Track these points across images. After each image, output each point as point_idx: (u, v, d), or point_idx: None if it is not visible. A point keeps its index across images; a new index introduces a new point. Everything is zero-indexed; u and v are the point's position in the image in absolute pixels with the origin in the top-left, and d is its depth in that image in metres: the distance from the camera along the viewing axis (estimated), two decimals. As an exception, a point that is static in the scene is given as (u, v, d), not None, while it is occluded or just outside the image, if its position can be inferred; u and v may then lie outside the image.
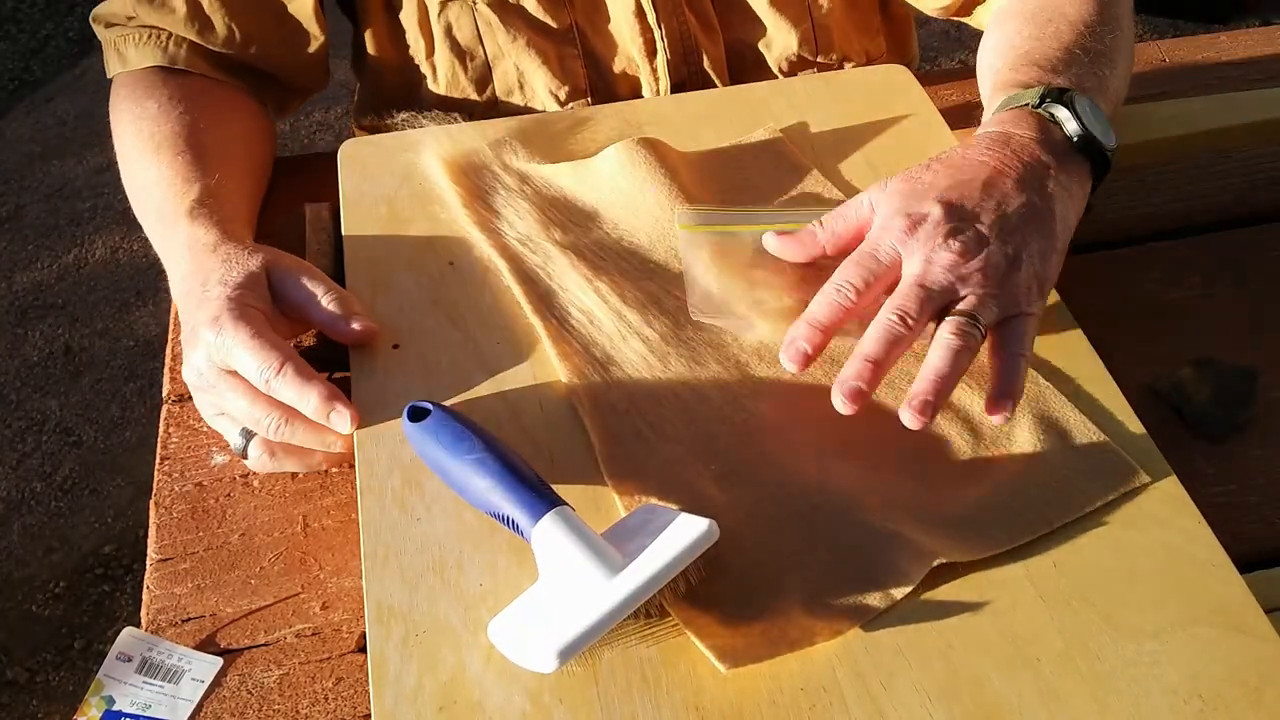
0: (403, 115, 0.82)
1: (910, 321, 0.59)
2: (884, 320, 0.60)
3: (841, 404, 0.58)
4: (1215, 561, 0.56)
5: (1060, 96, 0.67)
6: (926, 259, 0.61)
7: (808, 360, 0.60)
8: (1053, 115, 0.66)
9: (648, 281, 0.70)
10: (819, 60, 0.93)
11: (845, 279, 0.62)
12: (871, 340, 0.59)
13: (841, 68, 0.94)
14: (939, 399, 0.57)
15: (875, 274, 0.62)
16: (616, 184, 0.75)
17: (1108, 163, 0.67)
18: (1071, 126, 0.66)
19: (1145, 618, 0.54)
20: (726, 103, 0.84)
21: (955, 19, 0.91)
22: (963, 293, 0.60)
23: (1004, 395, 0.59)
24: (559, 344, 0.66)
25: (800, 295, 0.66)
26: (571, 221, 0.74)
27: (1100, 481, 0.59)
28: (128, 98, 0.82)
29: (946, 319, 0.60)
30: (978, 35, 0.84)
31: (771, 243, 0.67)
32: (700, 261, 0.69)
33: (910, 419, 0.57)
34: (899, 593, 0.55)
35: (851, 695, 0.51)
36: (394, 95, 0.92)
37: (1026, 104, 0.67)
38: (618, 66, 0.90)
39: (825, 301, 0.61)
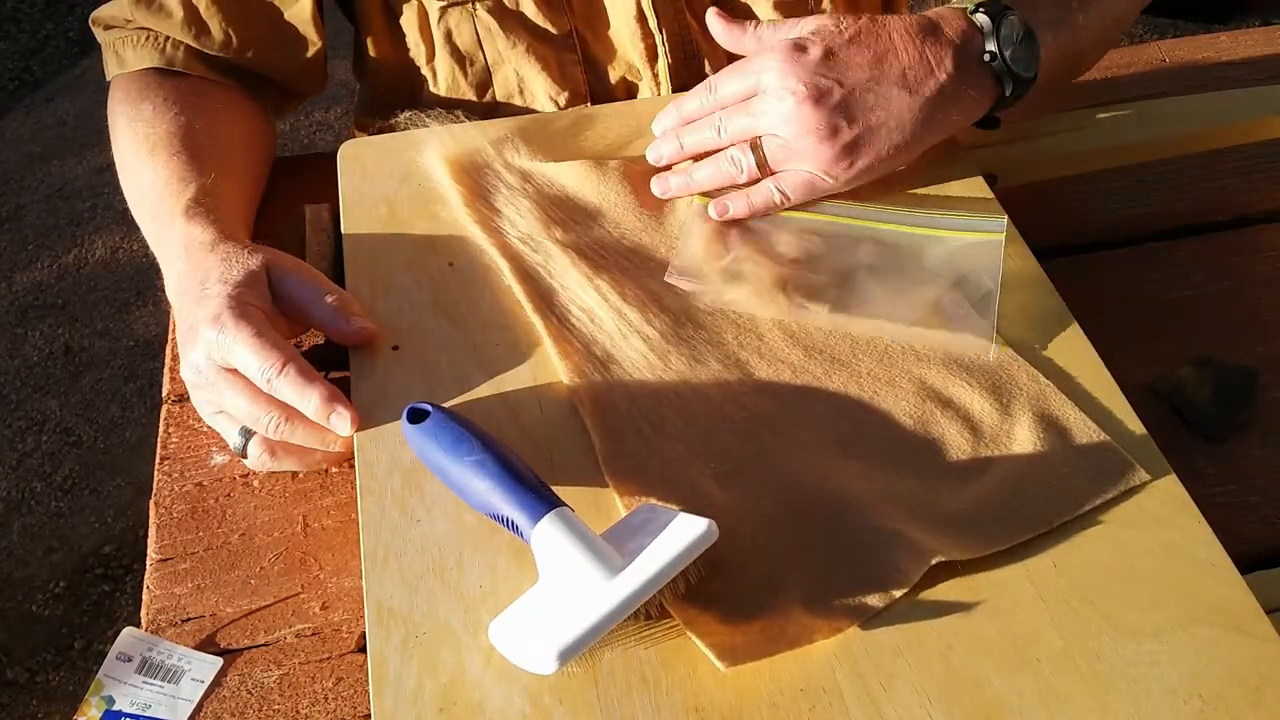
0: (405, 114, 0.82)
1: (723, 134, 0.72)
2: (704, 124, 0.73)
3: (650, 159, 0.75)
4: (1215, 561, 0.56)
5: (995, 11, 0.71)
6: (774, 88, 0.69)
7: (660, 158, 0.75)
8: (980, 25, 0.71)
9: (648, 280, 0.70)
10: None
11: (716, 82, 0.72)
12: (690, 137, 0.74)
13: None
14: (674, 195, 0.74)
15: (739, 93, 0.71)
16: (618, 189, 0.75)
17: (1022, 88, 0.72)
18: (989, 44, 0.70)
19: (1145, 618, 0.54)
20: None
21: None
22: (781, 133, 0.69)
23: (734, 205, 0.71)
24: (559, 343, 0.66)
25: (787, 271, 0.68)
26: (573, 220, 0.74)
27: (1100, 480, 0.59)
28: (123, 100, 0.82)
29: (738, 145, 0.71)
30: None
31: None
32: (696, 230, 0.72)
33: (650, 156, 0.75)
34: (898, 591, 0.55)
35: (851, 696, 0.51)
36: (395, 98, 0.91)
37: (964, 6, 0.72)
38: (618, 72, 0.90)
39: (690, 93, 0.74)
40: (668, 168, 0.75)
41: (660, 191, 0.74)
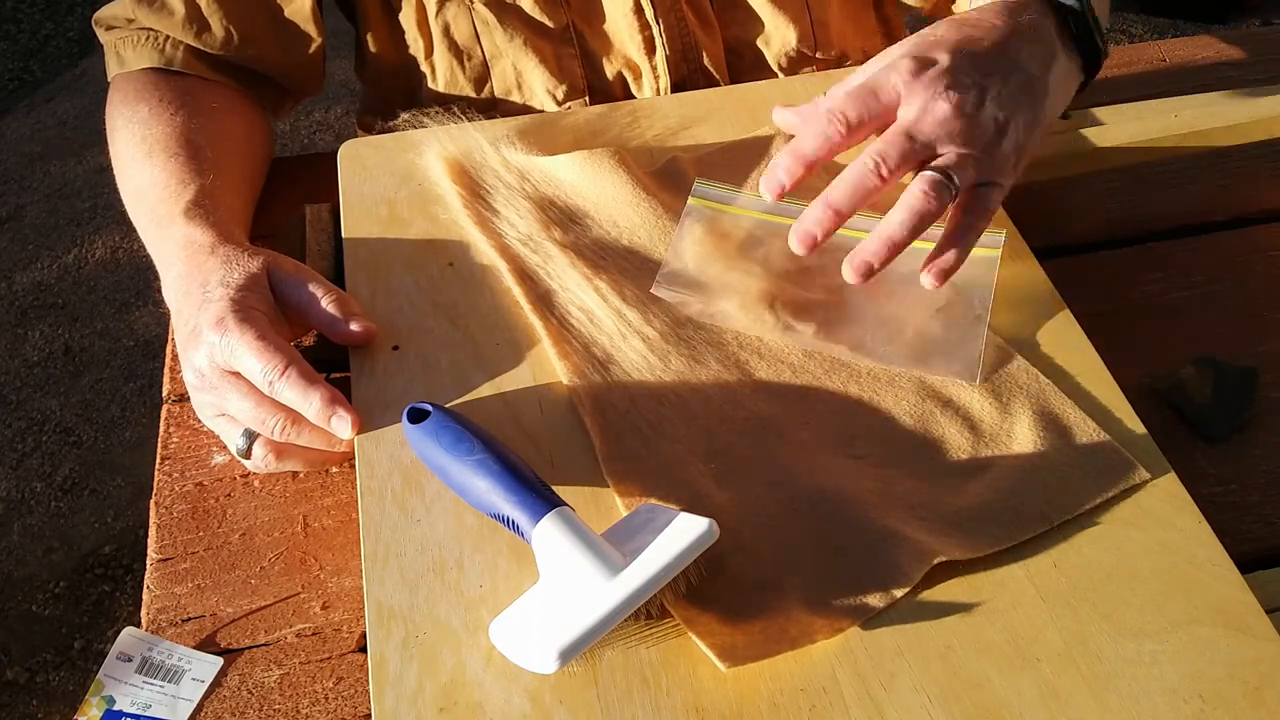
0: (405, 115, 0.82)
1: (885, 171, 0.61)
2: (860, 165, 0.61)
3: (796, 246, 0.62)
4: (1215, 561, 0.56)
5: None
6: (922, 107, 0.62)
7: (783, 191, 0.62)
8: (1061, 2, 0.68)
9: (648, 280, 0.70)
10: (818, 56, 0.93)
11: (839, 109, 0.62)
12: (841, 186, 0.61)
13: (840, 65, 0.94)
14: (883, 263, 0.61)
15: (872, 112, 0.63)
16: (615, 181, 0.75)
17: (1098, 64, 0.70)
18: (1078, 20, 0.68)
19: (1145, 617, 0.54)
20: (727, 102, 0.84)
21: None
22: (946, 149, 0.62)
23: (947, 262, 0.63)
24: (559, 343, 0.66)
25: (777, 285, 0.67)
26: (571, 220, 0.74)
27: (1100, 478, 0.59)
28: (121, 101, 0.82)
29: (921, 174, 0.61)
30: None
31: (781, 115, 0.68)
32: (690, 236, 0.70)
33: (850, 275, 0.61)
34: (899, 591, 0.55)
35: (852, 696, 0.51)
36: (395, 96, 0.92)
37: None
38: (616, 65, 0.90)
39: (812, 132, 0.62)
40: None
41: (857, 273, 0.61)
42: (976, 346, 0.65)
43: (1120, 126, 0.82)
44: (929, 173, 0.61)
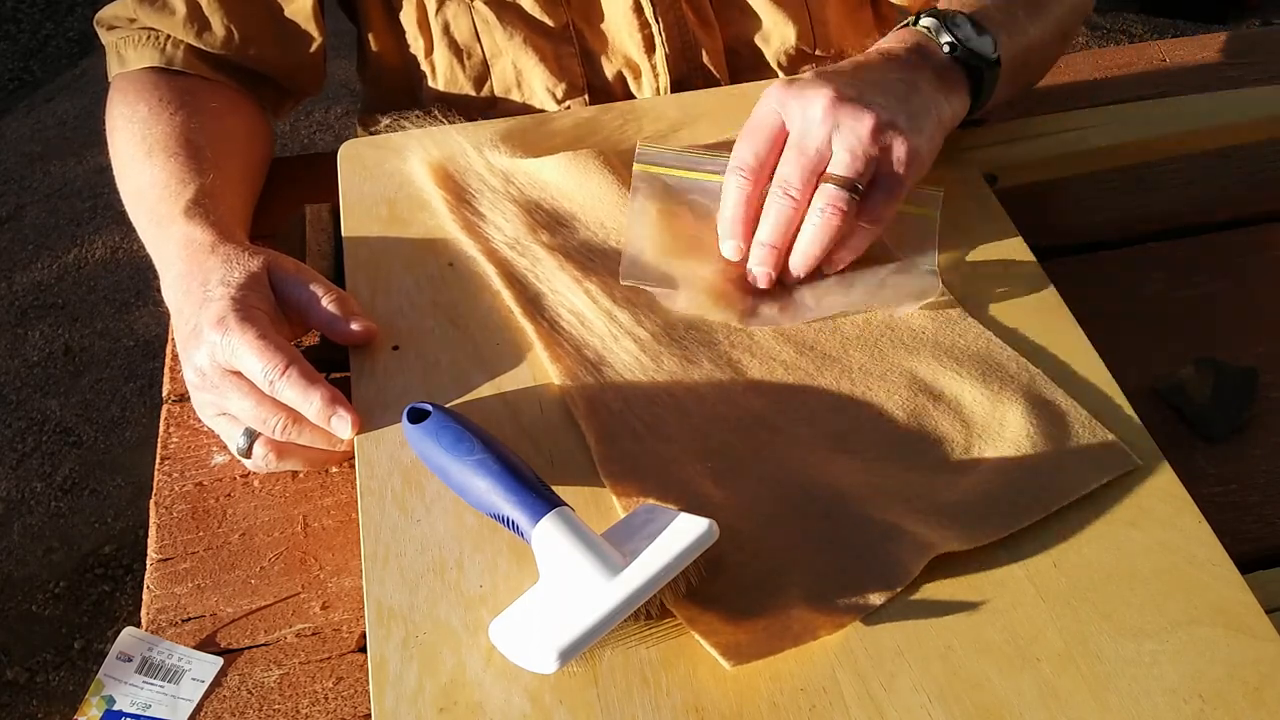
0: (385, 120, 0.82)
1: (795, 194, 0.66)
2: (773, 198, 0.66)
3: (760, 284, 0.68)
4: (1215, 561, 0.56)
5: (936, 14, 0.72)
6: (800, 114, 0.66)
7: (740, 254, 0.68)
8: (926, 29, 0.72)
9: None
10: (817, 54, 0.93)
11: (735, 161, 0.67)
12: (766, 225, 0.67)
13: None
14: (807, 271, 0.68)
15: (764, 142, 0.67)
16: (601, 182, 0.75)
17: (990, 71, 0.72)
18: (943, 36, 0.72)
19: (1145, 618, 0.54)
20: (726, 101, 0.84)
21: None
22: (839, 148, 0.65)
23: (840, 259, 0.68)
24: (550, 347, 0.66)
25: (733, 268, 0.69)
26: (559, 223, 0.74)
27: (1095, 465, 0.59)
28: (121, 101, 0.82)
29: (822, 187, 0.65)
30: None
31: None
32: (644, 218, 0.71)
33: (763, 282, 0.68)
34: (899, 585, 0.55)
35: (852, 696, 0.51)
36: (396, 95, 0.92)
37: (907, 23, 0.74)
38: (615, 64, 0.90)
39: (729, 194, 0.68)
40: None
41: (792, 277, 0.69)
42: (930, 263, 0.68)
43: (1120, 126, 0.82)
44: (828, 184, 0.65)
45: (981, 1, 0.76)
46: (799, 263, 0.67)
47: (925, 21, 0.73)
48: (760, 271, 0.68)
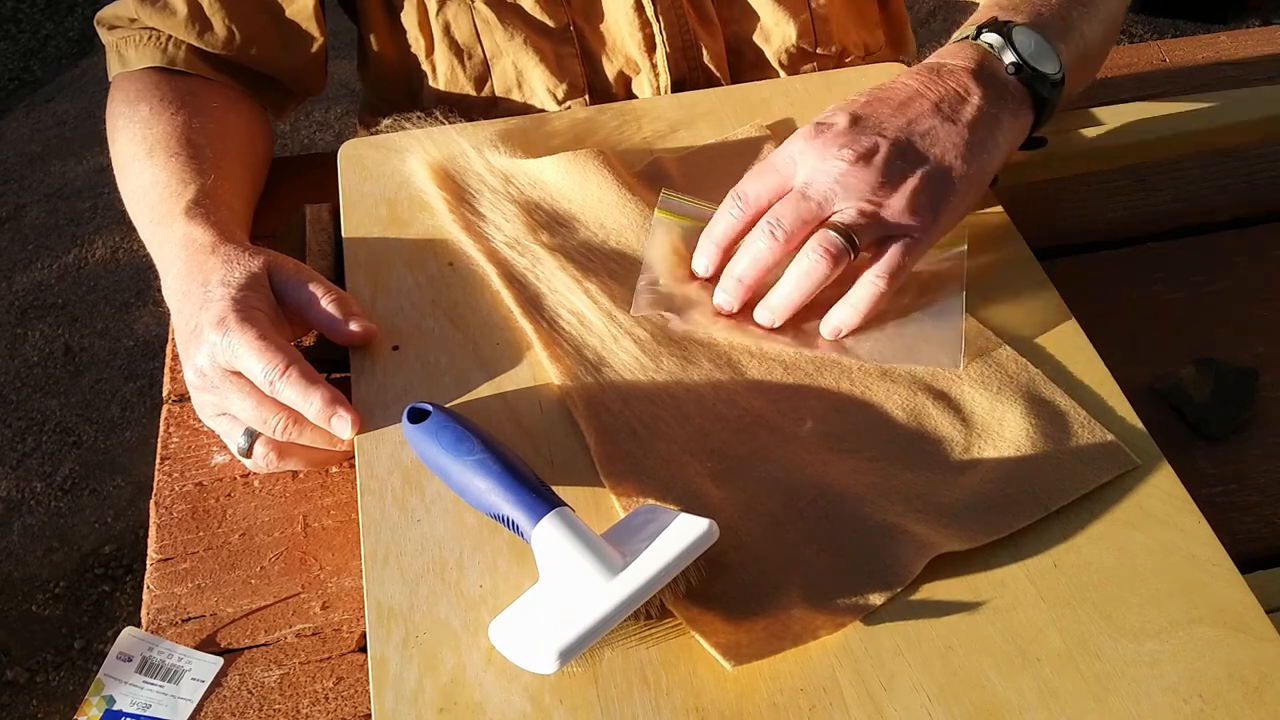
0: (386, 121, 0.82)
1: (780, 233, 0.63)
2: (756, 230, 0.64)
3: (722, 308, 0.66)
4: (1215, 561, 0.56)
5: (998, 27, 0.69)
6: (815, 165, 0.63)
7: (711, 274, 0.67)
8: (989, 45, 0.69)
9: (636, 280, 0.69)
10: (818, 52, 0.93)
11: (738, 189, 0.66)
12: (741, 257, 0.65)
13: (841, 60, 0.94)
14: (783, 319, 0.65)
15: (770, 185, 0.65)
16: (601, 182, 0.75)
17: (1054, 91, 0.69)
18: (1007, 55, 0.68)
19: (1145, 617, 0.54)
20: (726, 101, 0.84)
21: None
22: (843, 205, 0.63)
23: (841, 319, 0.64)
24: (550, 347, 0.66)
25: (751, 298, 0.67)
26: (558, 223, 0.74)
27: (1093, 464, 0.59)
28: (121, 101, 0.82)
29: (818, 231, 0.63)
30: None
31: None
32: (660, 249, 0.70)
33: (725, 309, 0.66)
34: (899, 585, 0.55)
35: (851, 696, 0.51)
36: (396, 96, 0.92)
37: (966, 36, 0.70)
38: (616, 64, 0.90)
39: (720, 217, 0.66)
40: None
41: (768, 322, 0.66)
42: (956, 331, 0.66)
43: (1120, 126, 0.82)
44: (823, 231, 0.62)
45: (1040, 8, 0.72)
46: (779, 306, 0.64)
47: (988, 37, 0.69)
48: (723, 300, 0.66)
